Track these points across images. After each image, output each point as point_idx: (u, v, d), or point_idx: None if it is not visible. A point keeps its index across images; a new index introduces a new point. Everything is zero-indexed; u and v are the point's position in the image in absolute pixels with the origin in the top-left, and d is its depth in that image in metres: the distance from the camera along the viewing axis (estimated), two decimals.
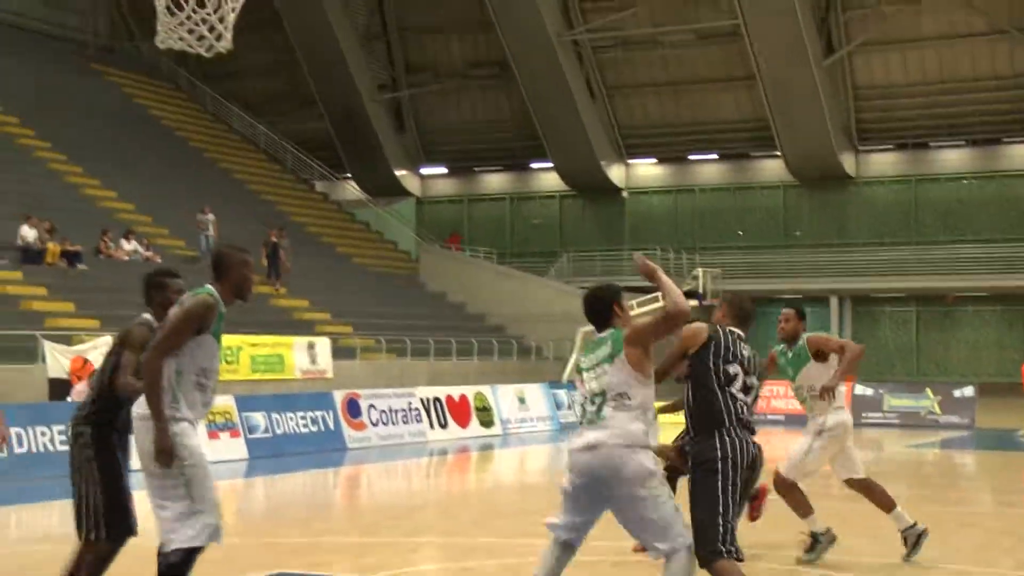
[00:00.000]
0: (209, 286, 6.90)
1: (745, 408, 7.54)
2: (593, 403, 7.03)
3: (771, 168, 53.17)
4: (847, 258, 50.09)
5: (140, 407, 6.79)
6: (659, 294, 8.11)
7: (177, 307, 6.86)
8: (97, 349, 21.65)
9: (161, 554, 6.65)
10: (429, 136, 56.57)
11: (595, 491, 7.01)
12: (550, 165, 55.06)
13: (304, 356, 28.32)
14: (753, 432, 7.59)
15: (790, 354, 10.89)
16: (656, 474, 6.95)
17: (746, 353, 7.70)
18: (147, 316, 7.59)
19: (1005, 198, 50.19)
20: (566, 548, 7.33)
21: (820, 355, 10.73)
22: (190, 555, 6.67)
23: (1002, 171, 50.35)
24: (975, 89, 48.84)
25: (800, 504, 10.90)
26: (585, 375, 7.17)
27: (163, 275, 7.77)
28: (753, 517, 10.47)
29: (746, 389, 7.58)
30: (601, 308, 7.24)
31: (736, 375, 7.53)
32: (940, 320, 50.72)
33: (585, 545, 7.37)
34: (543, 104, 51.73)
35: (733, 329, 7.84)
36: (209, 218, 34.42)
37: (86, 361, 20.84)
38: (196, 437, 6.80)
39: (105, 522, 7.33)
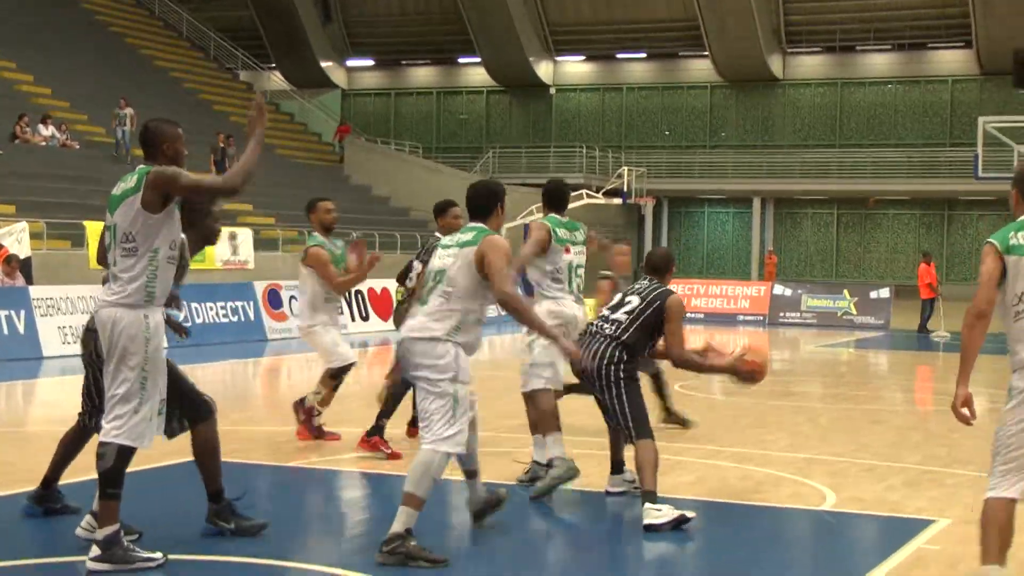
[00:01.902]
0: (144, 165, 6.67)
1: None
2: (433, 280, 7.14)
3: (699, 68, 53.09)
4: (771, 160, 50.37)
5: (113, 294, 6.59)
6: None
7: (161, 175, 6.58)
8: (12, 235, 21.30)
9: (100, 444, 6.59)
10: (356, 27, 55.76)
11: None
12: (478, 60, 54.58)
13: (225, 247, 28.10)
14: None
15: None
16: (445, 370, 6.93)
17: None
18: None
19: (928, 103, 50.60)
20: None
21: None
22: (127, 451, 6.57)
23: (926, 76, 50.68)
24: None
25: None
26: (441, 251, 7.25)
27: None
28: None
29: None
30: (488, 201, 7.38)
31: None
32: (860, 223, 51.31)
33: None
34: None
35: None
36: (126, 112, 33.64)
37: (1, 246, 20.49)
38: (163, 332, 6.69)
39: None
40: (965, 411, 5.93)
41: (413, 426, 10.65)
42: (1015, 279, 5.93)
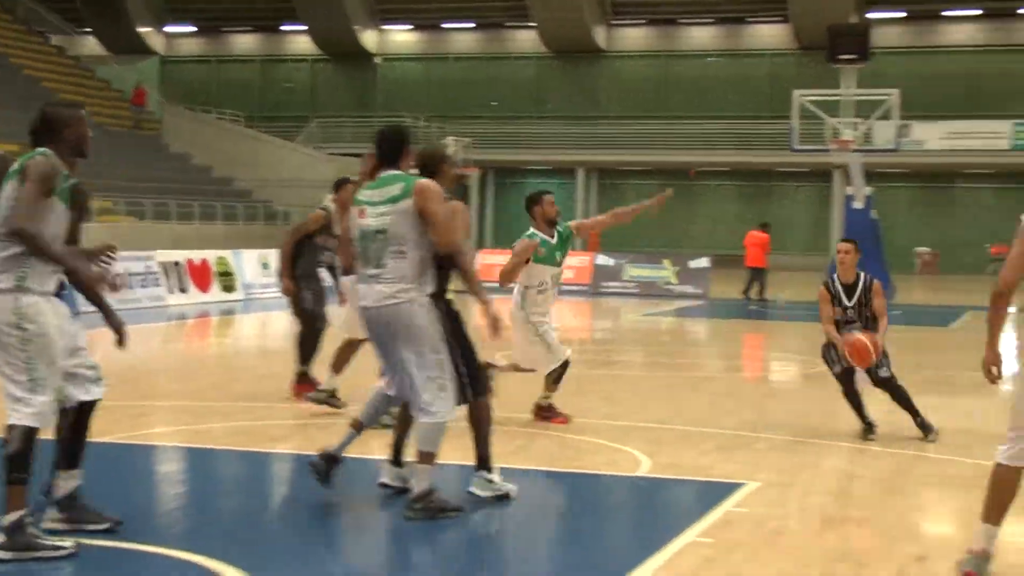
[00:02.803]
0: (44, 149, 6.37)
1: None
2: (374, 240, 7.15)
3: (525, 39, 53.32)
4: (596, 131, 50.87)
5: None
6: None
7: (19, 179, 6.27)
8: None
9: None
10: None
11: (384, 341, 7.25)
12: (302, 28, 53.88)
13: None
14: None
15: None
16: (427, 330, 7.14)
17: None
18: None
19: (747, 76, 51.68)
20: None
21: None
22: (30, 432, 6.31)
23: (745, 50, 51.74)
24: None
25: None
26: (370, 208, 7.23)
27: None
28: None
29: None
30: (399, 145, 7.42)
31: None
32: (682, 193, 52.04)
33: None
34: None
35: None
36: None
37: None
38: (48, 313, 6.35)
39: None
40: (994, 370, 6.18)
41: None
42: None
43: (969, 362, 17.12)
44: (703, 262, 31.37)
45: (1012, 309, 6.24)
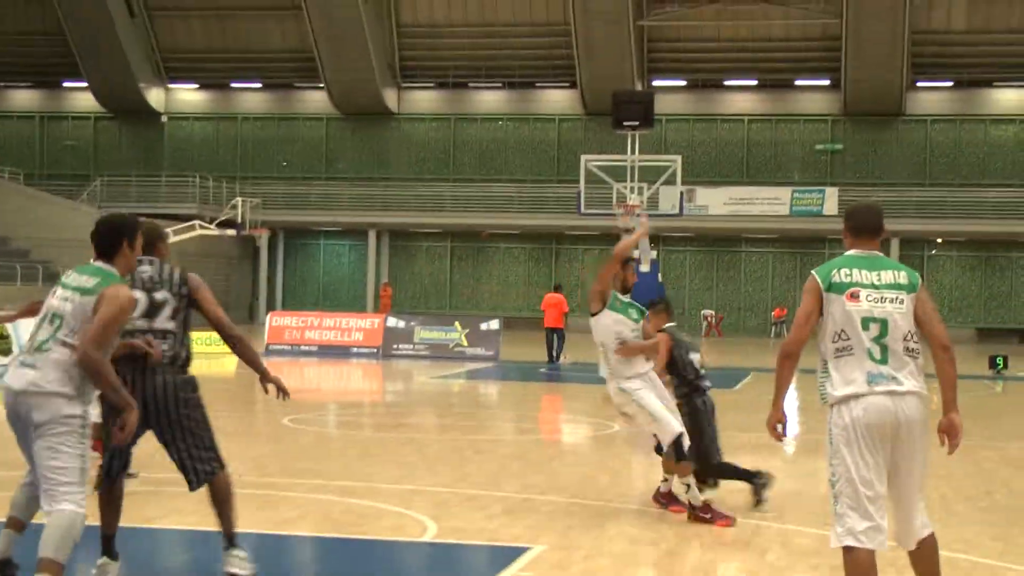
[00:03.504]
0: None
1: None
2: (51, 323, 6.48)
3: (315, 99, 53.14)
4: (387, 193, 50.89)
5: None
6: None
7: None
8: None
9: None
10: None
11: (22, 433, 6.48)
12: (85, 84, 52.60)
13: None
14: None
15: None
16: (69, 422, 6.36)
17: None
18: None
19: (536, 140, 52.48)
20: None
21: None
22: None
23: (534, 114, 52.56)
24: (513, 34, 50.63)
25: None
26: (61, 290, 6.58)
27: None
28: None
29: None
30: (113, 238, 6.68)
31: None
32: (473, 256, 52.53)
33: None
34: (78, 20, 49.33)
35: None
36: None
37: None
38: None
39: None
40: (779, 428, 6.15)
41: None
42: (835, 318, 6.01)
43: (752, 424, 17.54)
44: (494, 324, 31.52)
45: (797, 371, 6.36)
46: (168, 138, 54.15)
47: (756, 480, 10.19)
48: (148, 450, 8.20)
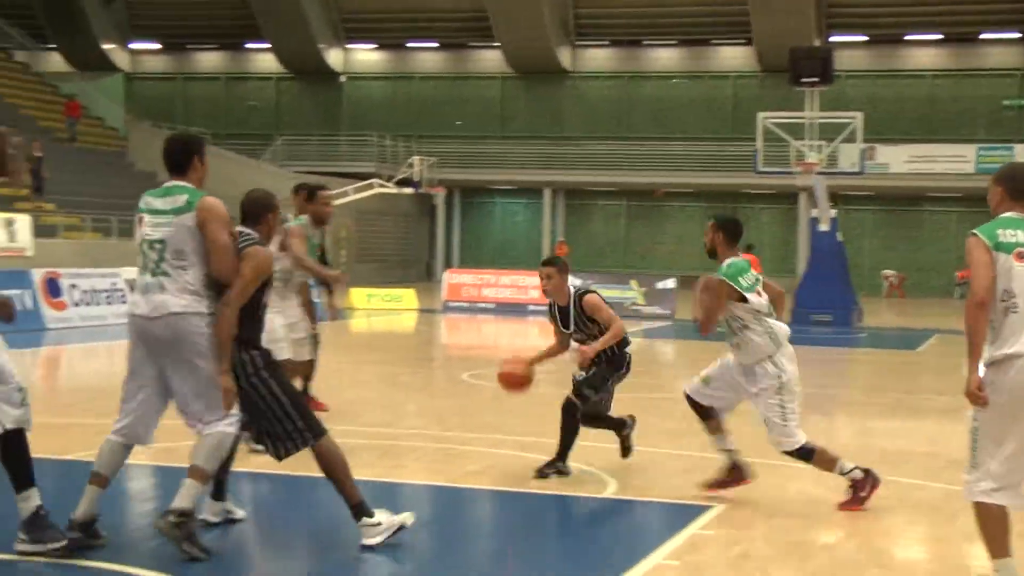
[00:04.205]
0: None
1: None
2: (153, 250, 6.76)
3: (489, 59, 53.38)
4: (561, 151, 50.93)
5: None
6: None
7: None
8: None
9: None
10: (138, 9, 54.25)
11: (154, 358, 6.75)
12: (267, 46, 53.76)
13: (2, 233, 27.01)
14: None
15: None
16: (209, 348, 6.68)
17: None
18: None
19: (711, 98, 51.90)
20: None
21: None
22: None
23: (709, 72, 51.97)
24: None
25: None
26: (149, 217, 6.86)
27: None
28: None
29: None
30: (186, 154, 7.04)
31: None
32: (648, 214, 52.33)
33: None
34: None
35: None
36: None
37: None
38: None
39: None
40: (981, 393, 5.93)
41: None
42: (1002, 276, 5.98)
43: (937, 386, 17.19)
44: (670, 283, 31.42)
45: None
46: (346, 98, 55.07)
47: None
48: None
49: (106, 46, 53.32)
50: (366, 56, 55.12)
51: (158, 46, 55.54)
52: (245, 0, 51.54)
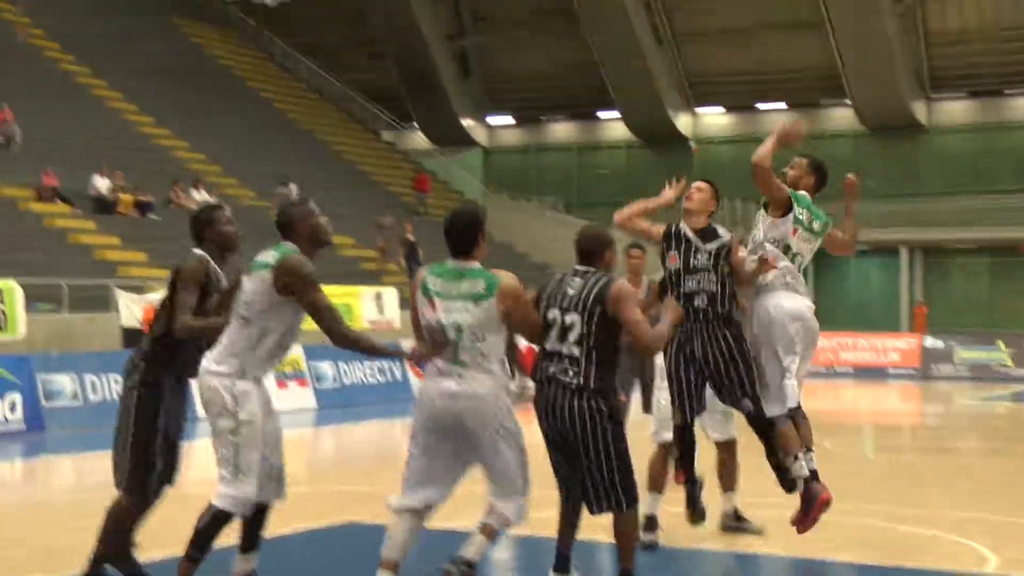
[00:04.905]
0: (286, 245, 6.76)
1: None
2: (457, 334, 6.66)
3: (841, 116, 52.58)
4: (918, 208, 49.46)
5: (210, 362, 6.71)
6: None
7: (293, 272, 6.62)
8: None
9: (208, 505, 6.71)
10: (495, 85, 56.38)
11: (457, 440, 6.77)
12: (617, 115, 54.78)
13: (372, 306, 28.46)
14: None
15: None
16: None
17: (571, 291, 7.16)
18: (200, 252, 7.24)
19: None
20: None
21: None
22: (221, 516, 6.65)
23: None
24: None
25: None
26: (441, 301, 6.73)
27: (211, 209, 7.49)
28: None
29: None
30: (476, 232, 6.88)
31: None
32: (1013, 271, 50.02)
33: None
34: (610, 52, 51.43)
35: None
36: (291, 189, 33.79)
37: None
38: (257, 401, 6.68)
39: (128, 476, 7.08)
40: None
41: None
42: None
43: None
44: None
45: None
46: (696, 162, 55.36)
47: None
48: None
49: (465, 121, 55.65)
50: (714, 119, 55.29)
51: (512, 120, 57.50)
52: (597, 71, 52.71)
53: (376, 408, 21.63)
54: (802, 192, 8.52)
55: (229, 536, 6.83)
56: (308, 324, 6.86)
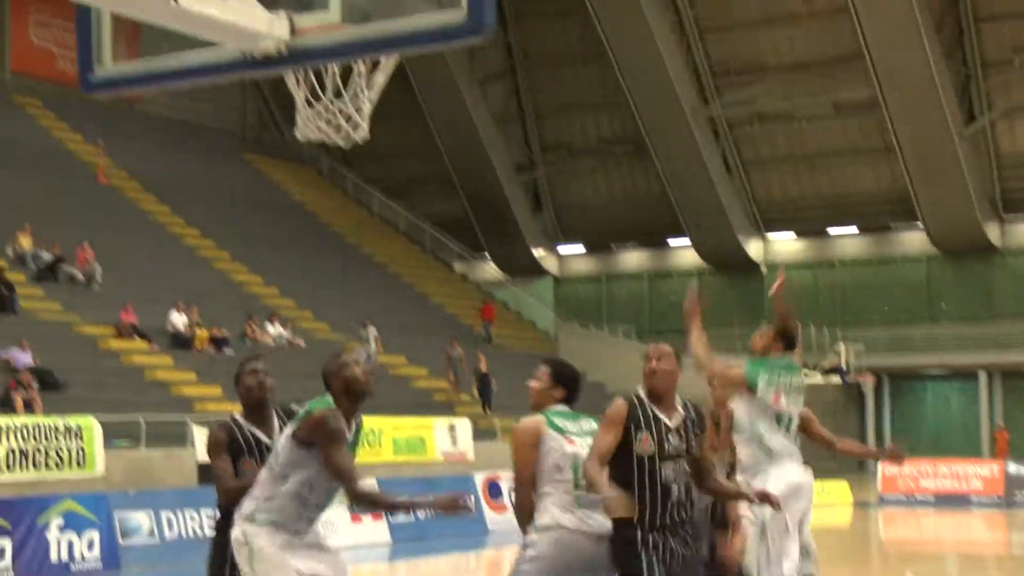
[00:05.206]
0: (325, 397, 6.82)
1: None
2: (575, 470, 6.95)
3: (913, 240, 52.33)
4: (995, 331, 48.85)
5: (237, 527, 6.68)
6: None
7: (315, 426, 6.67)
8: None
9: None
10: (566, 214, 56.83)
11: None
12: (687, 242, 54.92)
13: (445, 437, 28.41)
14: None
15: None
16: None
17: None
18: (226, 419, 7.43)
19: None
20: None
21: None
22: None
23: None
24: None
25: None
26: (579, 440, 7.12)
27: (241, 364, 7.62)
28: None
29: None
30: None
31: None
32: None
33: None
34: (679, 180, 51.78)
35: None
36: (371, 332, 34.28)
37: None
38: (267, 540, 6.58)
39: None
40: None
41: None
42: None
43: None
44: None
45: None
46: (767, 288, 55.13)
47: None
48: None
49: (536, 251, 56.03)
50: (785, 245, 55.23)
51: (583, 248, 57.82)
52: (667, 199, 53.01)
53: (450, 541, 21.50)
54: (767, 357, 8.72)
55: None
56: (379, 456, 6.89)
